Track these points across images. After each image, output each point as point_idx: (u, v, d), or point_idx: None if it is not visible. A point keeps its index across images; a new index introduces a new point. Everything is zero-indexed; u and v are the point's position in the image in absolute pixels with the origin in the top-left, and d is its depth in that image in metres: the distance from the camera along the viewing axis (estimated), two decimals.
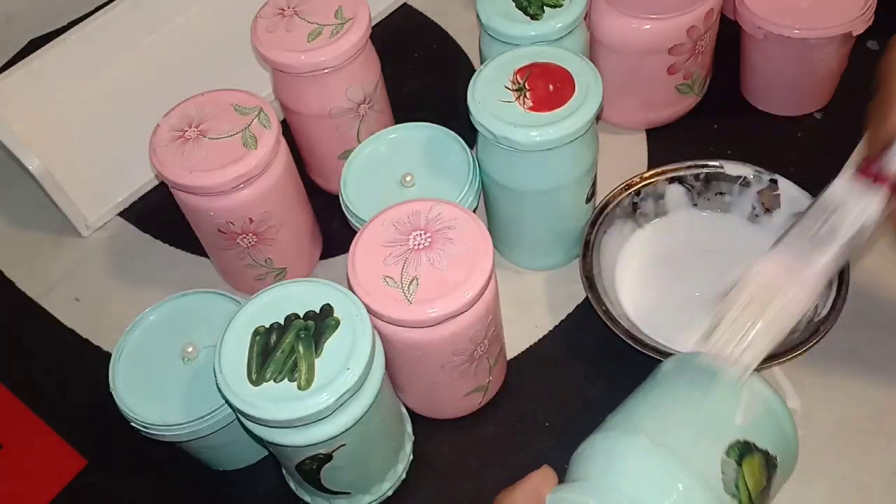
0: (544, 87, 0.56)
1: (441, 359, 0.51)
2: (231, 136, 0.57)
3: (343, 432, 0.46)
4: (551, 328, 0.62)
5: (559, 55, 0.57)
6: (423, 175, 0.60)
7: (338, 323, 0.46)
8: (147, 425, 0.52)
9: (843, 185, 0.48)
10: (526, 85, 0.56)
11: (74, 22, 0.84)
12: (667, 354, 0.55)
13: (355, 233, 0.52)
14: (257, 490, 0.58)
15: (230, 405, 0.47)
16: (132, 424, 0.53)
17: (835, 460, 0.54)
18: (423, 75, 0.80)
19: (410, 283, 0.48)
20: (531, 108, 0.54)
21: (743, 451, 0.43)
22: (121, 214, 0.75)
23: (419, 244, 0.50)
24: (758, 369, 0.57)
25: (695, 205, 0.65)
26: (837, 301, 0.56)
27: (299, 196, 0.63)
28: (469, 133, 0.60)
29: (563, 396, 0.59)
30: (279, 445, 0.46)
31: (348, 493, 0.53)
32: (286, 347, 0.46)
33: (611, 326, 0.57)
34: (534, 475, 0.44)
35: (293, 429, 0.45)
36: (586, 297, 0.63)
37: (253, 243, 0.61)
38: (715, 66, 0.73)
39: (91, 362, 0.65)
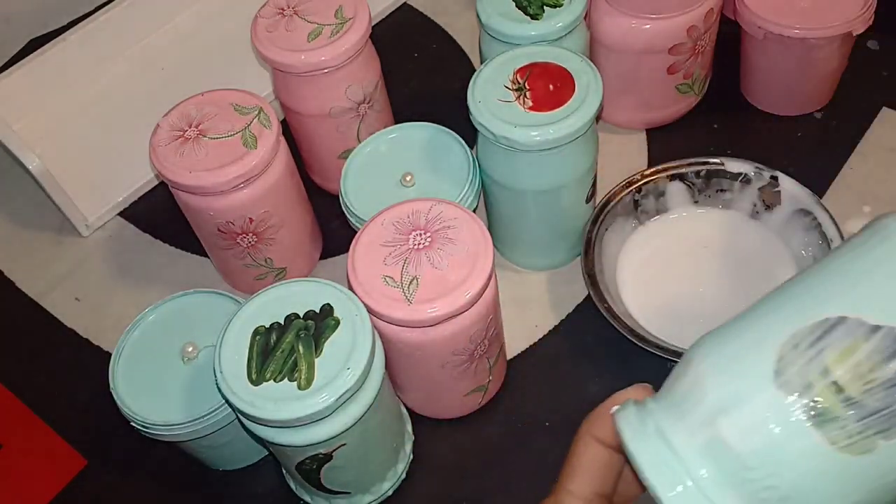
0: (544, 86, 0.56)
1: (441, 359, 0.51)
2: (231, 135, 0.57)
3: (343, 432, 0.46)
4: (551, 328, 0.62)
5: (559, 55, 0.57)
6: (423, 175, 0.60)
7: (338, 323, 0.46)
8: (147, 425, 0.52)
9: None
10: (526, 85, 0.56)
11: (74, 22, 0.84)
12: (669, 351, 0.55)
13: (355, 233, 0.52)
14: (257, 490, 0.58)
15: (230, 405, 0.47)
16: (132, 424, 0.53)
17: None
18: (423, 75, 0.80)
19: (410, 282, 0.48)
20: (531, 108, 0.54)
21: None
22: (121, 214, 0.75)
23: (419, 244, 0.50)
24: None
25: (696, 202, 0.65)
26: None
27: (299, 196, 0.63)
28: (469, 133, 0.60)
29: (563, 396, 0.59)
30: (279, 445, 0.46)
31: (348, 493, 0.53)
32: (286, 347, 0.46)
33: (613, 324, 0.57)
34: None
35: (293, 429, 0.45)
36: (586, 297, 0.63)
37: (253, 243, 0.61)
38: (715, 66, 0.73)
39: (91, 362, 0.65)
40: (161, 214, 0.73)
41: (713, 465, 0.30)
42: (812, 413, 0.29)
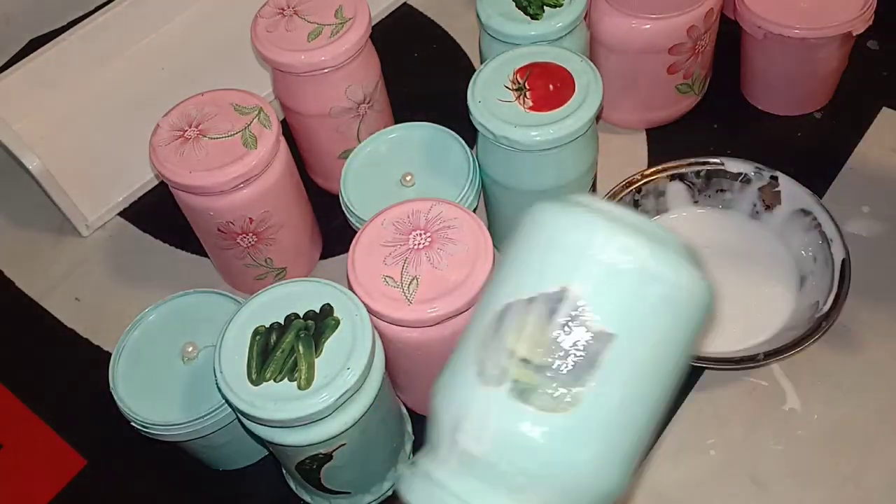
0: (544, 86, 0.56)
1: (441, 358, 0.51)
2: (231, 135, 0.57)
3: (343, 432, 0.46)
4: None
5: (559, 55, 0.57)
6: (423, 175, 0.60)
7: (338, 323, 0.46)
8: (147, 425, 0.52)
9: None
10: (526, 85, 0.56)
11: (74, 22, 0.84)
12: None
13: (355, 233, 0.52)
14: (257, 490, 0.58)
15: (230, 405, 0.47)
16: (132, 424, 0.53)
17: (835, 460, 0.54)
18: (423, 75, 0.80)
19: (410, 282, 0.48)
20: (531, 108, 0.54)
21: None
22: (121, 214, 0.75)
23: (419, 244, 0.50)
24: (756, 366, 0.58)
25: (696, 202, 0.65)
26: (839, 297, 0.56)
27: (299, 196, 0.63)
28: (469, 133, 0.59)
29: None
30: (279, 445, 0.46)
31: (348, 493, 0.53)
32: (286, 347, 0.46)
33: None
34: None
35: (293, 429, 0.45)
36: None
37: (253, 243, 0.61)
38: (715, 65, 0.73)
39: (91, 362, 0.65)
40: (161, 214, 0.73)
41: (470, 476, 0.33)
42: (516, 392, 0.32)
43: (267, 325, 0.47)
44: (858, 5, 0.64)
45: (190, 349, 0.53)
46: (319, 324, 0.46)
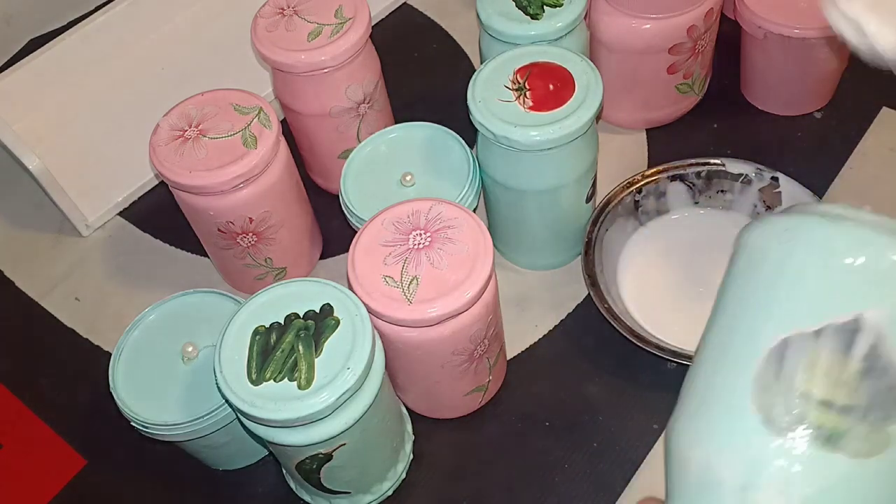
0: (544, 86, 0.56)
1: (441, 358, 0.51)
2: (231, 135, 0.57)
3: (343, 432, 0.46)
4: (551, 328, 0.62)
5: (559, 55, 0.57)
6: (423, 175, 0.60)
7: (338, 322, 0.46)
8: (147, 425, 0.52)
9: None
10: (526, 84, 0.56)
11: (74, 22, 0.84)
12: (669, 351, 0.55)
13: (355, 233, 0.52)
14: (257, 490, 0.58)
15: (230, 405, 0.47)
16: (132, 424, 0.53)
17: None
18: (423, 75, 0.80)
19: (410, 282, 0.48)
20: (531, 108, 0.54)
21: None
22: (121, 214, 0.75)
23: (419, 244, 0.50)
24: None
25: (696, 203, 0.65)
26: None
27: (299, 196, 0.63)
28: (469, 133, 0.60)
29: (564, 396, 0.59)
30: (279, 445, 0.46)
31: (348, 493, 0.53)
32: (286, 347, 0.46)
33: (613, 324, 0.57)
34: None
35: (293, 428, 0.45)
36: (586, 297, 0.63)
37: (253, 243, 0.61)
38: (715, 65, 0.73)
39: (91, 362, 0.65)
40: (161, 214, 0.73)
41: None
42: (820, 439, 0.29)
43: (267, 325, 0.47)
44: None
45: (190, 349, 0.53)
46: (319, 324, 0.46)
